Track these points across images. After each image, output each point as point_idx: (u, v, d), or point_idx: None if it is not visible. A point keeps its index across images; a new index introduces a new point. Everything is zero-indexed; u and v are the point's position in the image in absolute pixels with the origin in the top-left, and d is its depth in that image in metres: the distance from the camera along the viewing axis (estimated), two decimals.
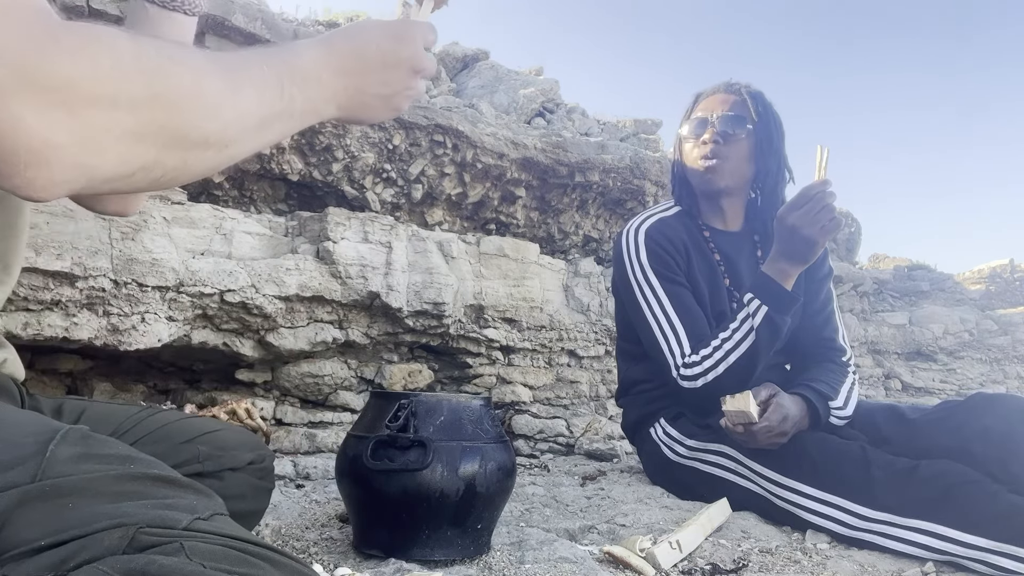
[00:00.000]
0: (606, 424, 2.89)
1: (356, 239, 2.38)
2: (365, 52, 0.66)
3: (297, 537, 1.20)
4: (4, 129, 0.41)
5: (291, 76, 0.59)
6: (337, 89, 0.64)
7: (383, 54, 0.67)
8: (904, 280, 5.96)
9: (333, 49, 0.64)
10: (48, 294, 1.80)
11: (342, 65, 0.64)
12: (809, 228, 1.42)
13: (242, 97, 0.55)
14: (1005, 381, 5.13)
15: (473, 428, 1.10)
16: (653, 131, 4.52)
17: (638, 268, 1.70)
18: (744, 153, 1.71)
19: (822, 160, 1.46)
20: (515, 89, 3.86)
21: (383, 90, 0.68)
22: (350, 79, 0.65)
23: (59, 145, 0.42)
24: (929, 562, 1.22)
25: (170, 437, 0.92)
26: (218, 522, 0.48)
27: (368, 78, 0.66)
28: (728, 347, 1.54)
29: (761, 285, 1.53)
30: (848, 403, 1.59)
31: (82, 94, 0.43)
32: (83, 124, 0.44)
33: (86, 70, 0.43)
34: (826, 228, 1.43)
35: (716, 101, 1.73)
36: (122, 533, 0.44)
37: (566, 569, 1.03)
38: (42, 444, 0.52)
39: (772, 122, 1.72)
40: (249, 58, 0.58)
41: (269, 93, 0.57)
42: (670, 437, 1.69)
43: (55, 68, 0.42)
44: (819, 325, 1.75)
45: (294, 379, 2.44)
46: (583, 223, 3.30)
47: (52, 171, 0.43)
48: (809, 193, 1.43)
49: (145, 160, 0.49)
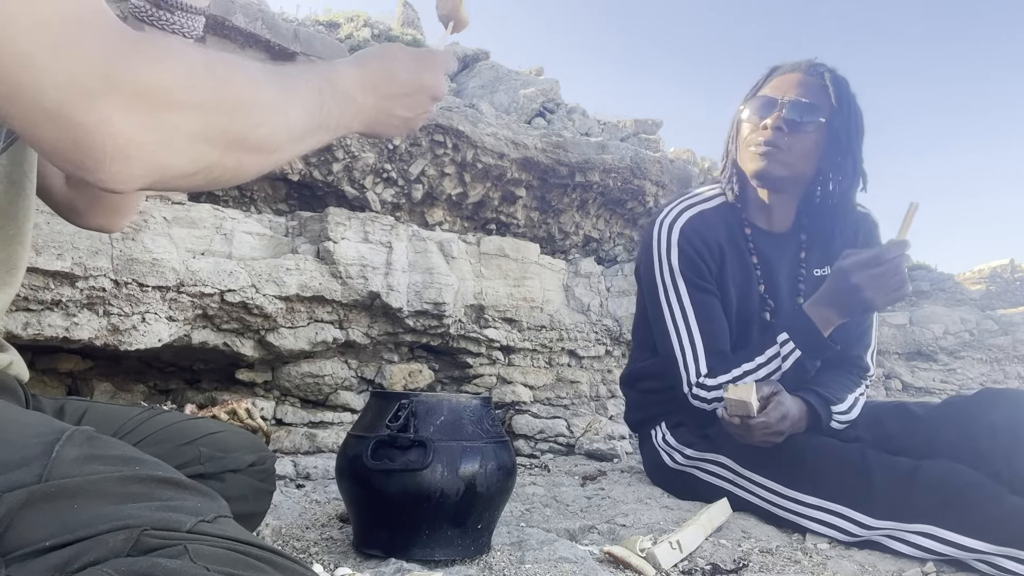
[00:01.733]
0: (606, 424, 2.89)
1: (356, 239, 2.38)
2: (396, 77, 0.72)
3: (297, 537, 1.20)
4: (93, 127, 0.46)
5: (332, 92, 0.65)
6: (367, 108, 0.70)
7: (411, 80, 0.73)
8: None
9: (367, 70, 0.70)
10: (48, 294, 1.80)
11: (375, 86, 0.70)
12: (873, 292, 1.30)
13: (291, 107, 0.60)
14: (1005, 381, 5.13)
15: (473, 428, 1.10)
16: (653, 131, 4.53)
17: (667, 269, 1.58)
18: (809, 146, 1.50)
19: (911, 217, 1.30)
20: (515, 89, 3.86)
21: (405, 112, 0.74)
22: (379, 100, 0.71)
23: (141, 143, 0.48)
24: (929, 563, 1.22)
25: (171, 439, 0.92)
26: (222, 525, 0.49)
27: (395, 101, 0.72)
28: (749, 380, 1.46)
29: (800, 329, 1.42)
30: (852, 408, 1.53)
31: (161, 98, 0.49)
32: (161, 125, 0.49)
33: (165, 77, 0.49)
34: (892, 297, 1.31)
35: (791, 81, 1.50)
36: (127, 535, 0.45)
37: (566, 569, 1.03)
38: (48, 445, 0.52)
39: (852, 116, 1.50)
40: (297, 73, 0.64)
41: (312, 106, 0.62)
42: (669, 445, 1.67)
43: (138, 75, 0.48)
44: (852, 341, 1.60)
45: (294, 379, 2.45)
46: (583, 223, 3.30)
47: (133, 166, 0.48)
48: (886, 256, 1.29)
49: (209, 160, 0.54)
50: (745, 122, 1.56)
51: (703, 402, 1.54)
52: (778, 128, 1.48)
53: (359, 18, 4.34)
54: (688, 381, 1.54)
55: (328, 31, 3.70)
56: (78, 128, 0.45)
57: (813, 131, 1.49)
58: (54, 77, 0.45)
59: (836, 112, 1.48)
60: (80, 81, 0.45)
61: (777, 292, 1.63)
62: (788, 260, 1.65)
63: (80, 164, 0.47)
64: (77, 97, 0.45)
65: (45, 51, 0.45)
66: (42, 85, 0.44)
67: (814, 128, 1.48)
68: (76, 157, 0.47)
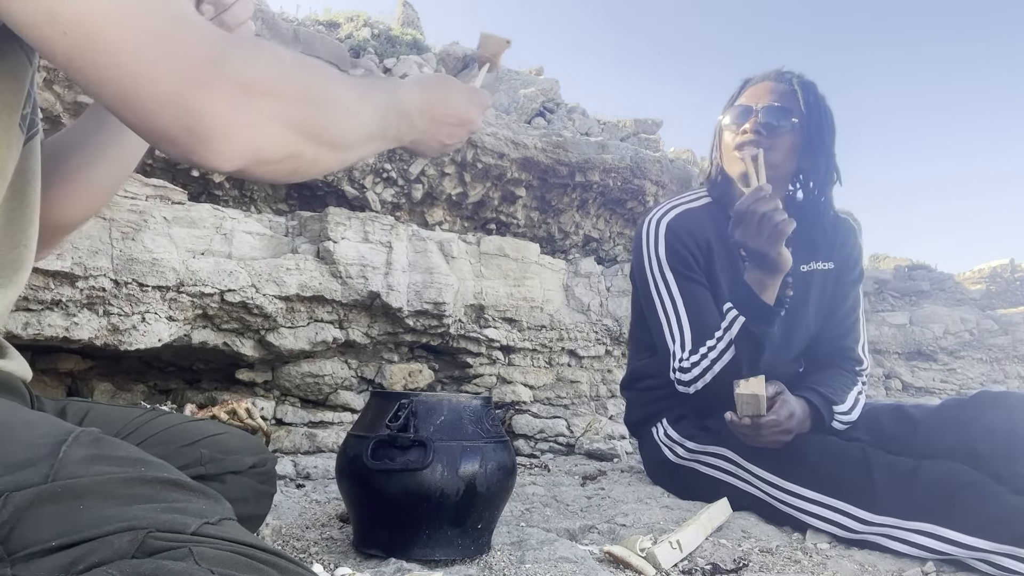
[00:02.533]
0: (606, 424, 2.90)
1: (356, 239, 2.39)
2: (449, 108, 0.80)
3: (297, 537, 1.20)
4: (200, 111, 0.52)
5: (396, 107, 0.72)
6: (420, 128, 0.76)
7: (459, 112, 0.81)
8: (904, 280, 5.96)
9: (427, 96, 0.77)
10: (48, 294, 1.80)
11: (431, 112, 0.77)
12: (755, 240, 1.39)
13: (364, 110, 0.66)
14: (1005, 381, 5.14)
15: (473, 428, 1.10)
16: (653, 131, 4.53)
17: (655, 262, 1.65)
18: (787, 146, 1.61)
19: (759, 165, 1.43)
20: (515, 89, 3.86)
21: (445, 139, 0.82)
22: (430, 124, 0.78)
23: (242, 126, 0.54)
24: (929, 562, 1.22)
25: (172, 440, 0.92)
26: (227, 527, 0.49)
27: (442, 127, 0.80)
28: (713, 356, 1.52)
29: (738, 296, 1.49)
30: (854, 409, 1.56)
31: (259, 88, 0.55)
32: (258, 111, 0.55)
33: (260, 70, 0.56)
34: (772, 237, 1.38)
35: (763, 90, 1.63)
36: (132, 537, 0.45)
37: (566, 569, 1.03)
38: (55, 445, 0.52)
39: (823, 116, 1.61)
40: (368, 82, 0.71)
41: (380, 114, 0.69)
42: (671, 439, 1.68)
43: (238, 68, 0.54)
44: (842, 332, 1.69)
45: (294, 379, 2.45)
46: (583, 223, 3.30)
47: (233, 146, 0.54)
48: (741, 208, 1.40)
49: (294, 149, 0.59)
50: (726, 130, 1.68)
51: (684, 386, 1.57)
52: (757, 132, 1.59)
53: (359, 18, 4.33)
54: (672, 367, 1.59)
55: (328, 31, 3.70)
56: (190, 115, 0.52)
57: (789, 132, 1.60)
58: (167, 71, 0.51)
59: (806, 114, 1.60)
60: (190, 74, 0.51)
61: None
62: None
63: (189, 147, 0.53)
64: (189, 87, 0.51)
65: (158, 48, 0.51)
66: (157, 79, 0.51)
67: (790, 129, 1.60)
68: (187, 140, 0.53)
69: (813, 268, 1.70)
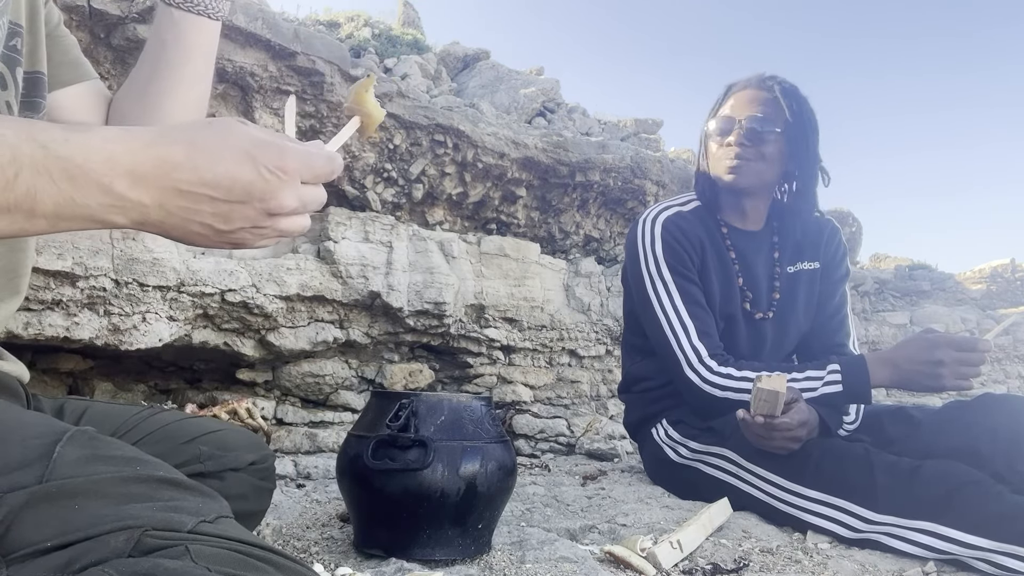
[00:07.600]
0: (607, 424, 2.89)
1: (357, 239, 2.39)
2: (202, 174, 0.49)
3: (298, 536, 1.20)
4: None
5: (44, 166, 0.46)
6: (136, 204, 0.48)
7: (230, 182, 0.49)
8: (905, 280, 5.96)
9: (150, 154, 0.48)
10: (49, 294, 1.80)
11: (156, 178, 0.48)
12: (951, 372, 1.36)
13: None
14: (1006, 381, 5.13)
15: (474, 428, 1.10)
16: (654, 131, 4.53)
17: (652, 261, 1.65)
18: (773, 154, 1.63)
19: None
20: (516, 89, 3.86)
21: (218, 224, 0.51)
22: (168, 198, 0.49)
23: None
24: (930, 562, 1.22)
25: (171, 437, 0.92)
26: (223, 525, 0.49)
27: (199, 204, 0.50)
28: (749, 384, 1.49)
29: (853, 368, 1.46)
30: (859, 417, 1.59)
31: None
32: None
33: None
34: (960, 385, 1.37)
35: (746, 99, 1.64)
36: (128, 536, 0.45)
37: (567, 569, 1.03)
38: (49, 445, 0.52)
39: (807, 121, 1.63)
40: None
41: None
42: (672, 439, 1.68)
43: None
44: (832, 329, 1.72)
45: (295, 379, 2.45)
46: (584, 223, 3.30)
47: None
48: (980, 347, 1.36)
49: None
50: (711, 140, 1.71)
51: (703, 382, 1.55)
52: (741, 144, 1.62)
53: (359, 18, 4.34)
54: (688, 362, 1.57)
55: (328, 31, 3.70)
56: None
57: (773, 140, 1.63)
58: None
59: (790, 120, 1.62)
60: None
61: (756, 285, 1.71)
62: (764, 257, 1.75)
63: None
64: None
65: None
66: None
67: (773, 138, 1.62)
68: None
69: (800, 268, 1.74)
